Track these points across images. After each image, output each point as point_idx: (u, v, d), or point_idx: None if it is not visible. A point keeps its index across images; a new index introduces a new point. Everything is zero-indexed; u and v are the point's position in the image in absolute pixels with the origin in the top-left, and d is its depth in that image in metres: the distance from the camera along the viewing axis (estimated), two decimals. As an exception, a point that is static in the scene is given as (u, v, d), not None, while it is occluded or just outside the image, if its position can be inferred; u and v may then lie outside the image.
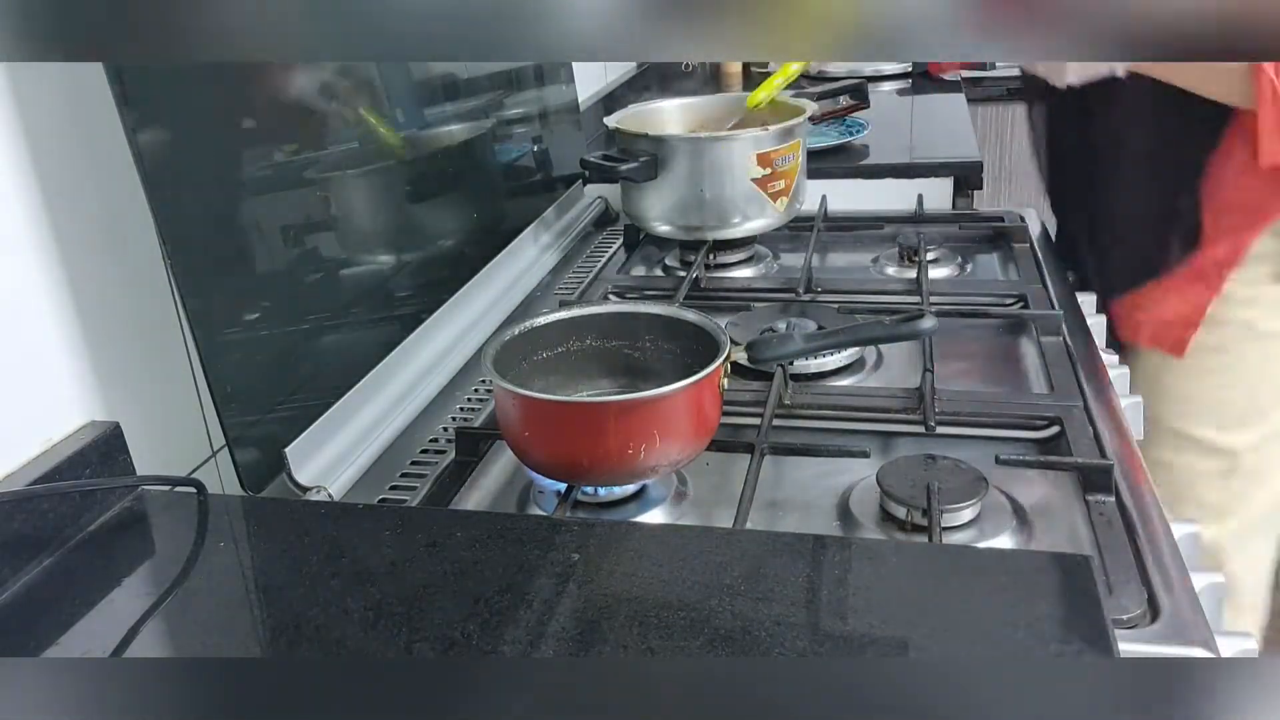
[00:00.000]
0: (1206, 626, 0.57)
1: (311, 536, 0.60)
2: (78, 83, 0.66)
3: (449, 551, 0.57)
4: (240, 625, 0.54)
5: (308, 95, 0.82)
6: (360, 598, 0.53)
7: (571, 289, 1.14)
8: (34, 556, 0.59)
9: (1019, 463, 0.72)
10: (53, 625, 0.54)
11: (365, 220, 0.89)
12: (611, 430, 0.66)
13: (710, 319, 0.74)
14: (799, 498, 0.73)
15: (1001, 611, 0.50)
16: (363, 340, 0.84)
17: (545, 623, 0.51)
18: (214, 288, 0.68)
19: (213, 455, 0.78)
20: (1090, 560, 0.53)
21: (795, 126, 1.13)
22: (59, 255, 0.65)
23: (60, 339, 0.66)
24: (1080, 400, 0.80)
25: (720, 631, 0.49)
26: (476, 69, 1.10)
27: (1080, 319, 0.99)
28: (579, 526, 0.60)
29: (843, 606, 0.51)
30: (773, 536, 0.58)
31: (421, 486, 0.75)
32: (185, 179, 0.67)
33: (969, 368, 0.91)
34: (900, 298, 1.05)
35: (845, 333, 0.80)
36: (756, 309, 1.01)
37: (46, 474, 0.62)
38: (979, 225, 1.26)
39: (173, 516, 0.64)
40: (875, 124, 1.55)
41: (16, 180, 0.63)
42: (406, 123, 0.95)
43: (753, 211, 1.12)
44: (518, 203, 1.20)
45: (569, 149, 1.34)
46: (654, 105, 1.26)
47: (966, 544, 0.65)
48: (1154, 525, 0.66)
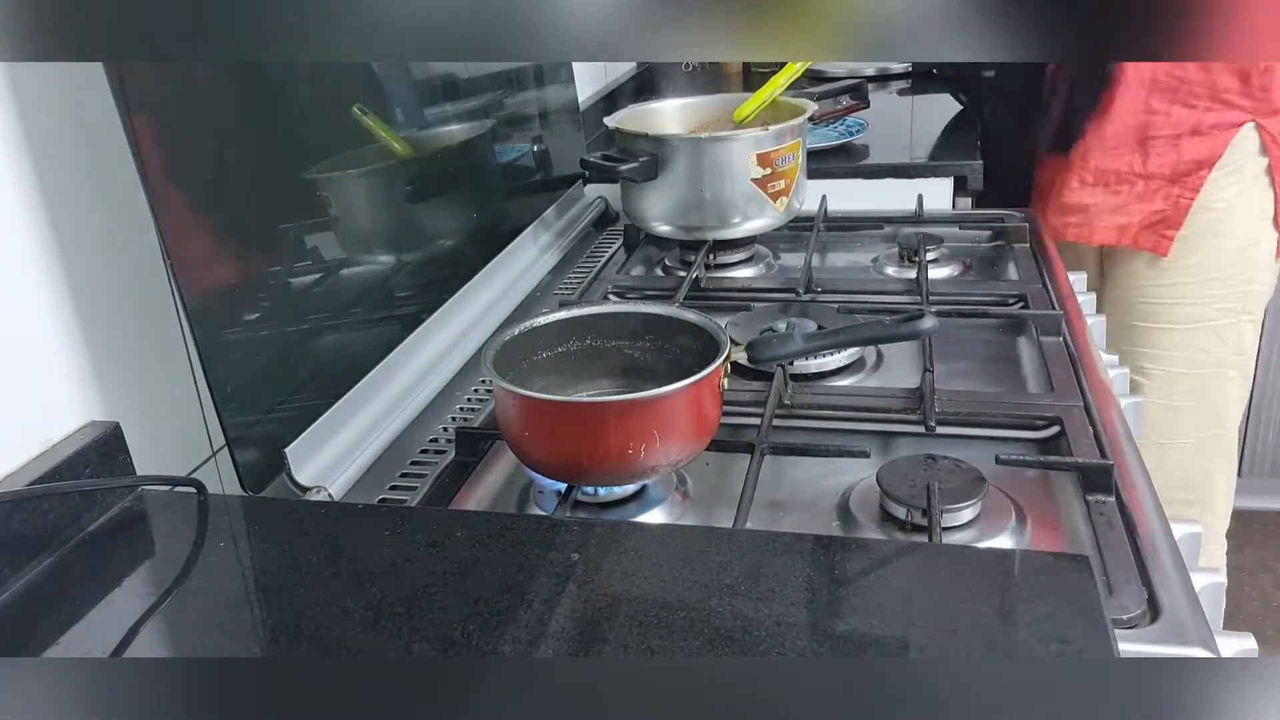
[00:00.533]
0: (1206, 626, 0.56)
1: (311, 536, 0.60)
2: (78, 83, 0.66)
3: (449, 551, 0.57)
4: (240, 625, 0.54)
5: (308, 95, 0.82)
6: (360, 598, 0.53)
7: (571, 289, 1.14)
8: (34, 556, 0.59)
9: (1019, 463, 0.72)
10: (53, 625, 0.54)
11: (365, 220, 0.89)
12: (611, 430, 0.66)
13: (710, 319, 0.74)
14: (799, 498, 0.73)
15: (1001, 611, 0.50)
16: (363, 340, 0.84)
17: (545, 623, 0.51)
18: (214, 288, 0.68)
19: (213, 455, 0.78)
20: (1090, 560, 0.53)
21: (795, 126, 1.13)
22: (59, 255, 0.65)
23: (60, 339, 0.66)
24: (1080, 400, 0.80)
25: (720, 631, 0.49)
26: (476, 69, 1.10)
27: (1080, 319, 0.99)
28: (579, 526, 0.60)
29: (843, 606, 0.51)
30: (773, 536, 0.57)
31: (421, 486, 0.75)
32: (185, 179, 0.67)
33: (969, 368, 0.91)
34: (900, 298, 1.05)
35: (845, 333, 0.80)
36: (756, 309, 1.01)
37: (46, 474, 0.62)
38: (979, 225, 1.26)
39: (173, 516, 0.64)
40: (875, 124, 1.55)
41: (16, 180, 0.63)
42: (406, 123, 0.95)
43: (753, 211, 1.12)
44: (518, 203, 1.20)
45: (569, 149, 1.34)
46: (654, 105, 1.26)
47: (966, 544, 0.65)
48: (1154, 525, 0.66)
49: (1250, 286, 1.36)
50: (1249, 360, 1.41)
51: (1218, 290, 1.36)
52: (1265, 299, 1.38)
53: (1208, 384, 1.40)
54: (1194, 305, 1.37)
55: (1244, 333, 1.38)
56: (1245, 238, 1.35)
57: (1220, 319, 1.37)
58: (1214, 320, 1.37)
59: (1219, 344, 1.38)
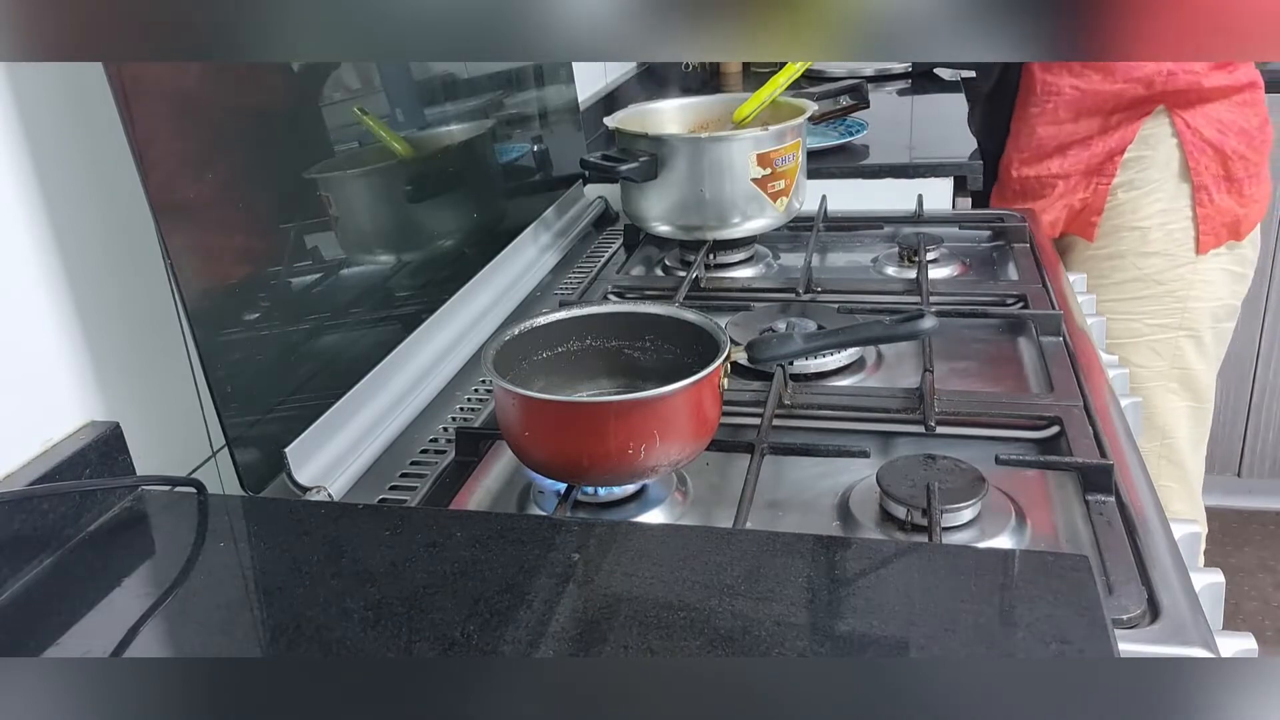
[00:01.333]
0: (1206, 626, 0.56)
1: (311, 536, 0.60)
2: (78, 83, 0.66)
3: (449, 551, 0.57)
4: (240, 625, 0.54)
5: (308, 95, 0.82)
6: (360, 598, 0.53)
7: (571, 289, 1.14)
8: (34, 556, 0.59)
9: (1019, 463, 0.72)
10: (53, 625, 0.54)
11: (365, 220, 0.89)
12: (611, 430, 0.66)
13: (710, 319, 0.74)
14: (799, 498, 0.73)
15: (1001, 611, 0.50)
16: (363, 340, 0.84)
17: (545, 623, 0.51)
18: (214, 288, 0.68)
19: (213, 455, 0.78)
20: (1089, 560, 0.53)
21: (795, 126, 1.13)
22: (59, 255, 0.65)
23: (60, 339, 0.66)
24: (1080, 400, 0.80)
25: (720, 631, 0.49)
26: (476, 69, 1.10)
27: (1080, 319, 0.99)
28: (579, 526, 0.60)
29: (843, 606, 0.51)
30: (773, 536, 0.57)
31: (421, 486, 0.75)
32: (185, 179, 0.67)
33: (969, 368, 0.90)
34: (900, 298, 1.05)
35: (845, 333, 0.80)
36: (756, 309, 1.01)
37: (46, 474, 0.62)
38: (979, 225, 1.26)
39: (173, 516, 0.64)
40: (875, 124, 1.56)
41: (16, 180, 0.63)
42: (406, 123, 0.95)
43: (753, 211, 1.12)
44: (518, 203, 1.20)
45: (569, 149, 1.34)
46: (654, 105, 1.26)
47: (966, 544, 0.65)
48: (1154, 525, 0.66)
49: (1188, 304, 1.37)
50: (1193, 373, 1.41)
51: (1151, 306, 1.38)
52: (1213, 314, 1.39)
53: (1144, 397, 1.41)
54: (1128, 320, 1.39)
55: (1184, 348, 1.39)
56: (1169, 247, 1.36)
57: (1155, 334, 1.39)
58: (1148, 336, 1.39)
59: (1155, 359, 1.40)
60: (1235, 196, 1.34)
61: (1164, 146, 1.33)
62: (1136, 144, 1.33)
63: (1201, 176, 1.32)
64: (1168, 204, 1.35)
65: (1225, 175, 1.33)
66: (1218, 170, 1.32)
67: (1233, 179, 1.33)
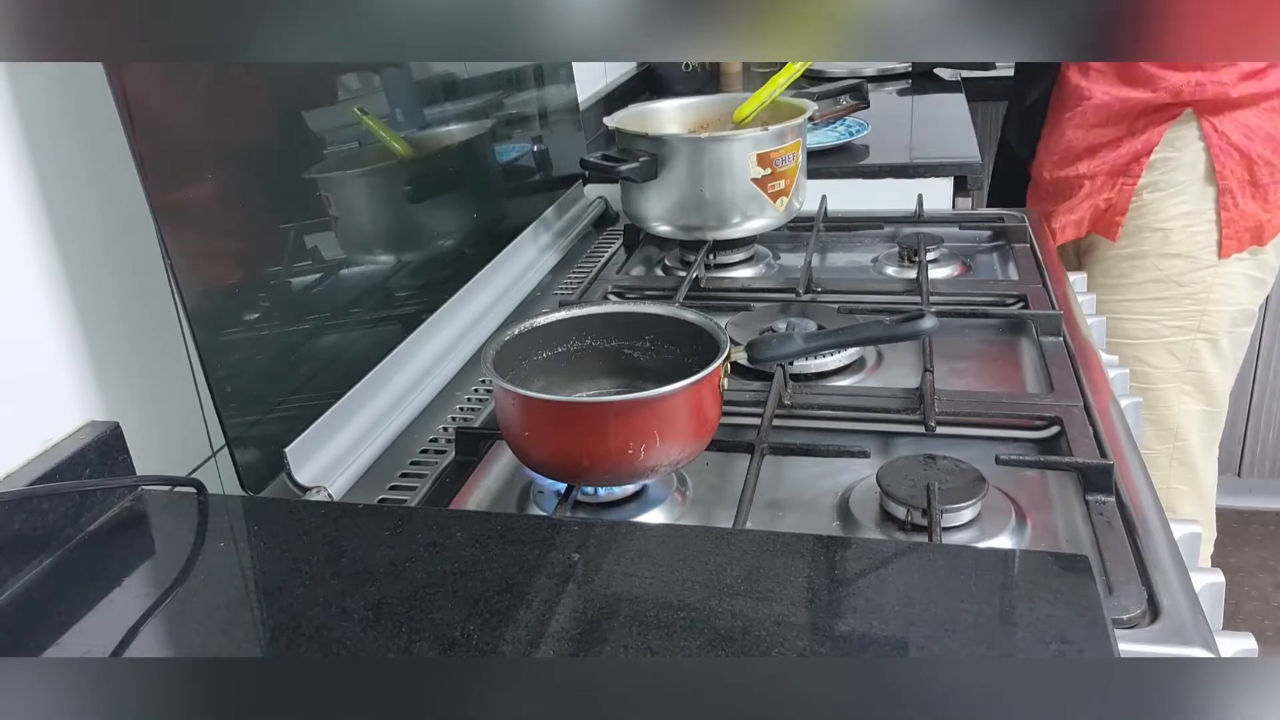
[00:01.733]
0: (1206, 626, 0.56)
1: (311, 536, 0.60)
2: (78, 83, 0.66)
3: (449, 551, 0.57)
4: (240, 625, 0.54)
5: (308, 95, 0.82)
6: (360, 598, 0.53)
7: (571, 289, 1.14)
8: (34, 556, 0.59)
9: (1019, 463, 0.72)
10: (53, 625, 0.54)
11: (365, 220, 0.89)
12: (611, 430, 0.66)
13: (710, 319, 0.74)
14: (799, 498, 0.73)
15: (1001, 611, 0.50)
16: (363, 340, 0.84)
17: (545, 623, 0.51)
18: (214, 288, 0.68)
19: (213, 455, 0.78)
20: (1090, 560, 0.53)
21: (795, 126, 1.13)
22: (58, 255, 0.65)
23: (60, 339, 0.66)
24: (1080, 400, 0.80)
25: (720, 631, 0.49)
26: (476, 69, 1.10)
27: (1081, 319, 0.99)
28: (579, 526, 0.60)
29: (843, 606, 0.51)
30: (772, 536, 0.57)
31: (421, 486, 0.75)
32: (185, 179, 0.67)
33: (969, 368, 0.91)
34: (900, 298, 1.05)
35: (845, 333, 0.80)
36: (756, 309, 1.01)
37: (46, 474, 0.62)
38: (979, 225, 1.26)
39: (173, 516, 0.64)
40: (875, 124, 1.56)
41: (16, 180, 0.63)
42: (406, 123, 0.95)
43: (753, 211, 1.12)
44: (518, 203, 1.20)
45: (569, 149, 1.34)
46: (654, 105, 1.26)
47: (966, 544, 0.65)
48: (1154, 525, 0.66)
49: (1208, 307, 1.38)
50: (1208, 377, 1.42)
51: (1170, 308, 1.39)
52: (1231, 318, 1.40)
53: (1155, 398, 1.43)
54: (1146, 321, 1.39)
55: (1200, 351, 1.40)
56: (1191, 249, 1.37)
57: (1173, 335, 1.39)
58: (1165, 337, 1.39)
59: (1171, 360, 1.40)
60: (1260, 202, 1.34)
61: (1190, 149, 1.34)
62: (1163, 146, 1.34)
63: (1227, 180, 1.32)
64: (1192, 206, 1.35)
65: (1251, 180, 1.33)
66: (1243, 175, 1.33)
67: (1258, 184, 1.33)
